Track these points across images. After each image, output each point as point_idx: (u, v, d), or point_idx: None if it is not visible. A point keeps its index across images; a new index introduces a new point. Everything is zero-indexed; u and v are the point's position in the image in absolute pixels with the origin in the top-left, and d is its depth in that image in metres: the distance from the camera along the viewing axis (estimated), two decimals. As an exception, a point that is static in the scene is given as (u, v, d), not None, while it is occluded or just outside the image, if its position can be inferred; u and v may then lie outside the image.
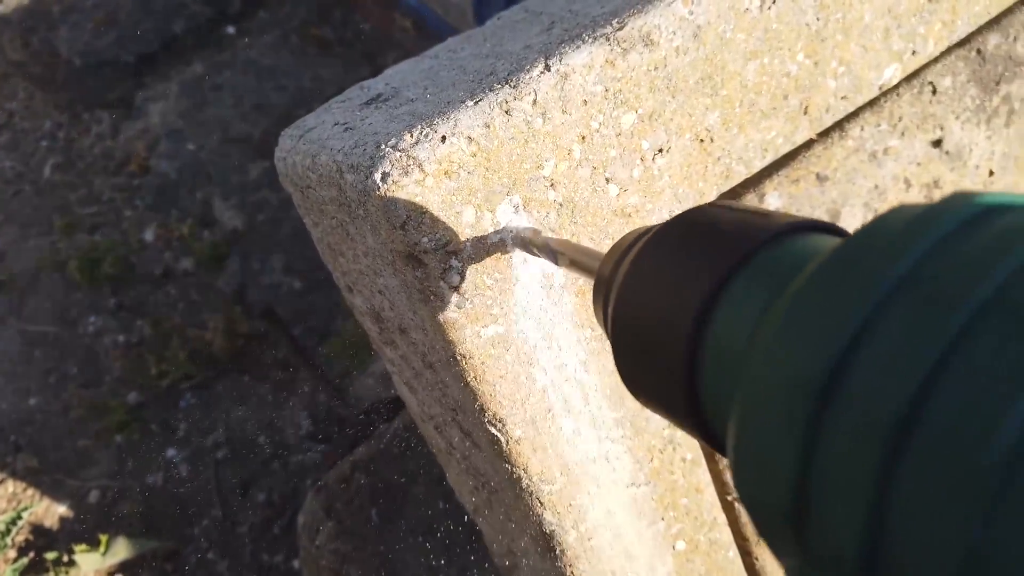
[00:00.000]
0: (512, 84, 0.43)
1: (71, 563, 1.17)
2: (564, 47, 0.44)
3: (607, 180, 0.46)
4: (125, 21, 1.79)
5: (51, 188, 1.67)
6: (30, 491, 1.29)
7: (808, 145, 0.55)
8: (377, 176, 0.41)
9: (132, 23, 1.79)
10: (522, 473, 0.50)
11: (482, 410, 0.47)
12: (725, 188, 0.52)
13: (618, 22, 0.45)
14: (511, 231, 0.42)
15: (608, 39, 0.44)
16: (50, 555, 1.19)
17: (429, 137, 0.41)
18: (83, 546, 1.16)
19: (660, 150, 0.48)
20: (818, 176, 0.56)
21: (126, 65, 1.74)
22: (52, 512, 1.27)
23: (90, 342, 1.45)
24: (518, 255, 0.44)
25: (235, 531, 1.23)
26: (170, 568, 1.20)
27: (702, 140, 0.49)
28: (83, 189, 1.66)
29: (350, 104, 0.50)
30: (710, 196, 0.51)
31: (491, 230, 0.43)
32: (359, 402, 1.21)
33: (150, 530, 1.23)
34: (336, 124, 0.47)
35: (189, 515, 1.25)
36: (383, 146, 0.41)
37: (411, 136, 0.41)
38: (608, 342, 0.49)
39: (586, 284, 0.47)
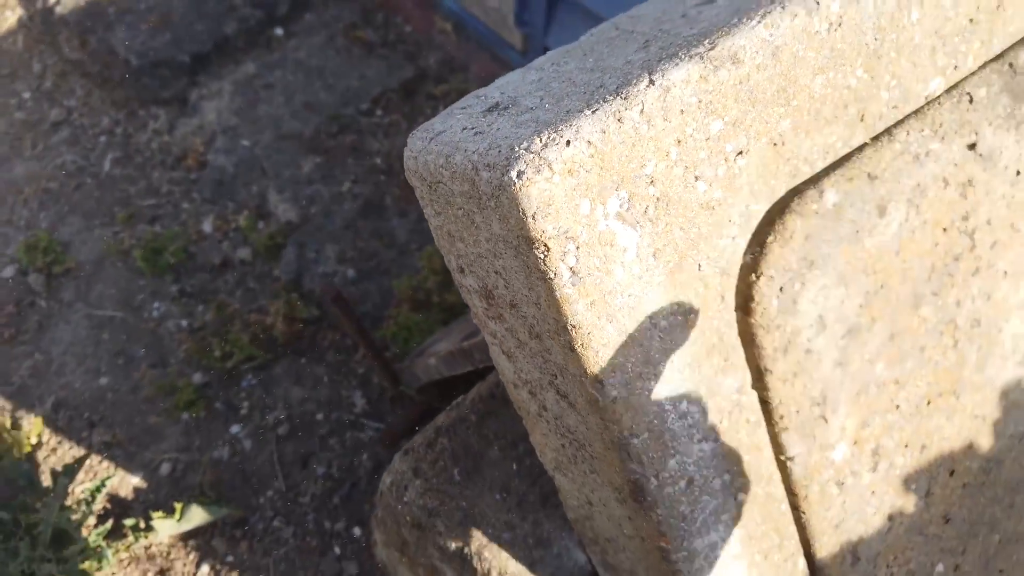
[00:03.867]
0: (623, 96, 0.51)
1: (149, 528, 1.26)
2: (664, 64, 0.52)
3: (696, 178, 0.54)
4: (179, 22, 1.88)
5: (112, 181, 1.76)
6: (105, 464, 1.38)
7: (861, 148, 0.63)
8: (513, 174, 0.49)
9: (185, 24, 1.88)
10: (615, 428, 0.58)
11: (585, 373, 0.56)
12: (792, 185, 0.60)
13: (710, 43, 0.53)
14: None
15: (703, 57, 0.52)
16: (128, 521, 1.28)
17: (556, 141, 0.49)
18: (160, 513, 1.26)
19: (740, 152, 0.56)
20: (869, 175, 0.64)
21: (181, 64, 1.83)
22: (127, 483, 1.36)
23: (155, 326, 1.54)
24: (620, 239, 0.53)
25: (298, 501, 1.32)
26: (239, 534, 1.30)
27: (775, 144, 0.57)
28: (142, 182, 1.75)
29: (471, 111, 0.58)
30: (780, 192, 0.59)
31: (601, 219, 0.51)
32: (414, 381, 1.29)
33: (219, 500, 1.32)
34: (465, 129, 0.55)
35: (254, 486, 1.35)
36: (516, 148, 0.50)
37: (540, 140, 0.50)
38: (689, 317, 0.58)
39: (674, 264, 0.56)
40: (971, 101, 0.67)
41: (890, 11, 0.58)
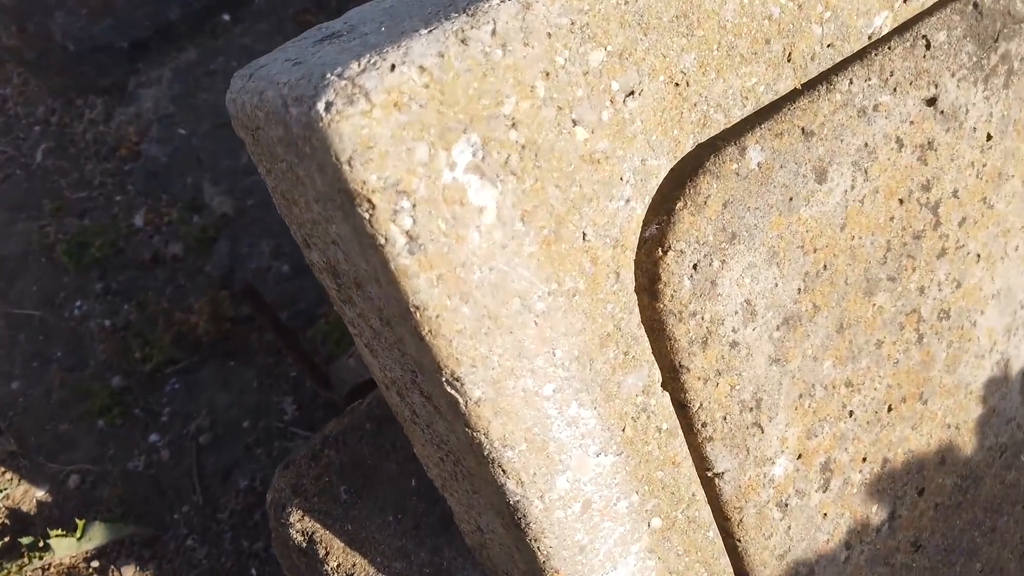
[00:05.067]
0: (469, 13, 0.40)
1: (46, 548, 1.14)
2: (527, -23, 0.42)
3: (574, 122, 0.43)
4: (121, 7, 1.79)
5: (43, 173, 1.66)
6: (8, 475, 1.27)
7: (792, 97, 0.52)
8: (320, 106, 0.38)
9: (128, 9, 1.78)
10: (483, 438, 0.47)
11: (439, 368, 0.44)
12: (703, 138, 0.49)
13: (586, -48, 0.42)
14: None
15: (574, -31, 0.41)
16: (25, 540, 1.16)
17: (377, 65, 0.39)
18: (58, 531, 1.14)
19: (631, 92, 0.45)
20: (804, 131, 0.53)
21: (120, 51, 1.73)
22: (30, 497, 1.25)
23: (75, 326, 1.43)
24: (474, 197, 0.41)
25: (215, 517, 1.21)
26: (148, 555, 1.18)
27: (677, 83, 0.46)
28: (75, 174, 1.65)
29: (305, 42, 0.47)
30: (687, 145, 0.48)
31: (446, 170, 0.40)
32: (343, 385, 1.18)
33: (129, 516, 1.20)
34: (287, 60, 0.44)
35: (169, 501, 1.23)
36: (328, 75, 0.39)
37: (358, 65, 0.39)
38: (574, 299, 0.46)
39: (550, 230, 0.44)
40: (928, 47, 0.56)
41: (821, -77, 0.47)
